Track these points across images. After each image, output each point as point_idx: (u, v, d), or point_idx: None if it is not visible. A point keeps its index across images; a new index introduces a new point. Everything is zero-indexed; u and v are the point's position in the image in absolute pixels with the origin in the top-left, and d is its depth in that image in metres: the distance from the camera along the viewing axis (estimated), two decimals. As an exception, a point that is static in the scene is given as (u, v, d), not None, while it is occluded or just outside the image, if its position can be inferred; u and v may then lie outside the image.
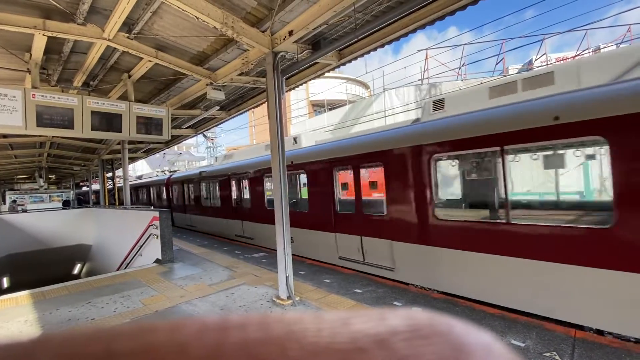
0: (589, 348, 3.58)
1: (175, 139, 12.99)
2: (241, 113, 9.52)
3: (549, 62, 14.76)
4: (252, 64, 5.83)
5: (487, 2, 4.39)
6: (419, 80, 16.50)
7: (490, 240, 4.66)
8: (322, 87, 28.11)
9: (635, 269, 3.48)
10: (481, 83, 6.70)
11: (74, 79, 7.05)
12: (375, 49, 5.74)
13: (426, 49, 15.42)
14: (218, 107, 8.58)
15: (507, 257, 4.52)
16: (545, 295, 4.24)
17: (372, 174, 8.20)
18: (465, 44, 14.34)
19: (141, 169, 30.14)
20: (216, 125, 11.38)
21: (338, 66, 6.57)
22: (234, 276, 6.87)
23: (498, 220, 4.72)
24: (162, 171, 19.01)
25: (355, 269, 6.85)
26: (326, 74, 6.80)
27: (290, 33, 4.85)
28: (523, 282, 4.43)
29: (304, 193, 9.20)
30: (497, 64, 15.55)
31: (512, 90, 5.04)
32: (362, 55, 6.03)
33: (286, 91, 7.43)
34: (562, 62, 15.29)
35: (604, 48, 14.88)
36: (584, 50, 14.35)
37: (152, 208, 9.37)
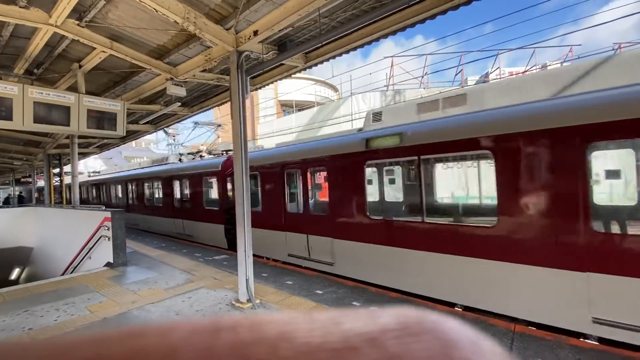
0: (526, 341, 3.90)
1: (131, 135, 12.29)
2: (204, 110, 9.23)
3: (502, 76, 15.88)
4: (215, 61, 5.68)
5: (451, 15, 4.64)
6: (385, 86, 17.00)
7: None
8: (292, 88, 28.03)
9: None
10: (440, 92, 7.07)
11: (14, 66, 6.43)
12: (341, 54, 5.84)
13: (391, 56, 15.94)
14: (179, 103, 8.24)
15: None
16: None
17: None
18: (428, 54, 15.01)
19: (93, 165, 28.11)
20: (178, 122, 10.93)
21: (304, 69, 6.59)
22: (192, 280, 6.63)
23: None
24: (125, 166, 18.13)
25: (302, 265, 7.36)
26: (296, 75, 6.82)
27: (256, 33, 4.80)
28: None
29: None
30: (456, 74, 16.44)
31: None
32: (328, 60, 6.11)
33: (251, 91, 7.33)
34: (481, 83, 16.53)
35: (550, 65, 16.31)
36: (532, 67, 15.61)
37: (104, 208, 8.78)
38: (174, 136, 19.40)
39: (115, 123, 6.71)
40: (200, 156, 12.82)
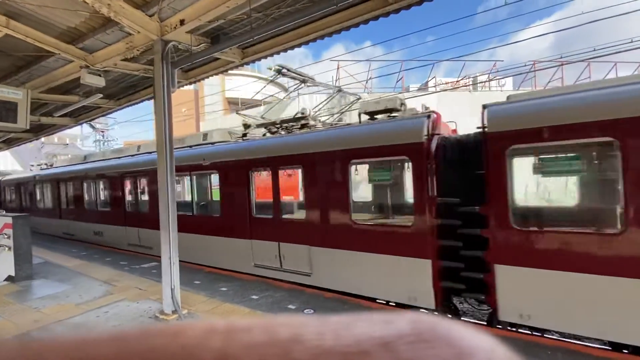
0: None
1: (47, 129, 10.81)
2: (134, 103, 8.42)
3: (437, 85, 17.06)
4: (138, 50, 5.16)
5: (396, 21, 4.74)
6: (331, 88, 17.21)
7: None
8: (240, 86, 27.12)
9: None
10: (380, 97, 7.31)
11: None
12: (279, 52, 5.70)
13: (336, 59, 16.20)
14: (101, 95, 7.39)
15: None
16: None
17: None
18: (372, 60, 15.52)
19: (4, 163, 24.27)
20: (103, 115, 9.85)
21: (242, 65, 6.32)
22: (112, 291, 5.96)
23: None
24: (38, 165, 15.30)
25: (273, 277, 6.46)
26: (244, 72, 6.57)
27: (182, 22, 4.44)
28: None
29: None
30: (397, 81, 17.26)
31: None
32: (266, 57, 5.92)
33: (183, 85, 6.85)
34: (422, 90, 17.82)
35: (479, 75, 17.94)
36: (463, 77, 17.01)
37: (4, 212, 7.54)
38: (102, 132, 17.50)
39: (15, 114, 5.77)
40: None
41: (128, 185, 9.82)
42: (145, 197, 9.33)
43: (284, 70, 7.71)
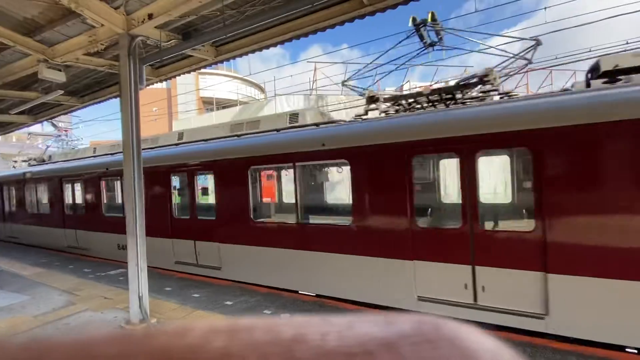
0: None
1: (1, 127, 10.03)
2: (100, 101, 7.97)
3: (412, 88, 17.45)
4: (102, 44, 4.87)
5: (373, 24, 4.75)
6: (309, 90, 17.19)
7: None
8: (216, 85, 26.49)
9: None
10: (358, 100, 7.34)
11: None
12: (254, 51, 5.58)
13: (313, 60, 16.21)
14: (62, 91, 6.93)
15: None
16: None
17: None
18: (348, 62, 15.63)
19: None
20: (65, 113, 9.26)
21: (215, 62, 6.14)
22: (74, 301, 5.58)
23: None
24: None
25: (191, 272, 7.03)
26: (219, 71, 6.36)
27: (150, 16, 4.23)
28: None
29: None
30: (373, 84, 17.46)
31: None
32: (240, 55, 5.79)
33: (153, 82, 6.57)
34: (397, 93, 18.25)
35: (450, 80, 18.52)
36: (436, 82, 17.50)
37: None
38: (65, 130, 16.48)
39: (-38, 110, 5.27)
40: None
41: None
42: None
43: (430, 23, 6.29)
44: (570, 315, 3.71)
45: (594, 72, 4.42)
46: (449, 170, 6.61)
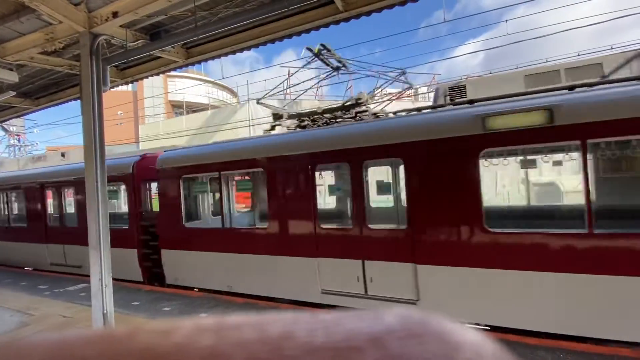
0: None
1: (-59, 131, 9.07)
2: (58, 104, 7.43)
3: (383, 95, 17.84)
4: (61, 43, 4.54)
5: (347, 30, 4.78)
6: (282, 93, 17.09)
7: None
8: (185, 88, 25.64)
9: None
10: (331, 105, 7.39)
11: None
12: (227, 54, 5.44)
13: (287, 65, 16.16)
14: (14, 93, 6.39)
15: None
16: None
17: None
18: (322, 68, 15.71)
19: None
20: (18, 117, 8.54)
21: (186, 65, 5.93)
22: (28, 322, 5.09)
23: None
24: None
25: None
26: (189, 75, 6.13)
27: (115, 15, 3.99)
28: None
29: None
30: (346, 89, 17.69)
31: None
32: (213, 58, 5.62)
33: (119, 84, 6.23)
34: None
35: (419, 87, 19.17)
36: (406, 88, 18.00)
37: None
38: (18, 135, 15.20)
39: None
40: None
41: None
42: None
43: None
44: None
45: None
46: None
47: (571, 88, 4.19)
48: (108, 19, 4.05)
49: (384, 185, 6.58)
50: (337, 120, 6.39)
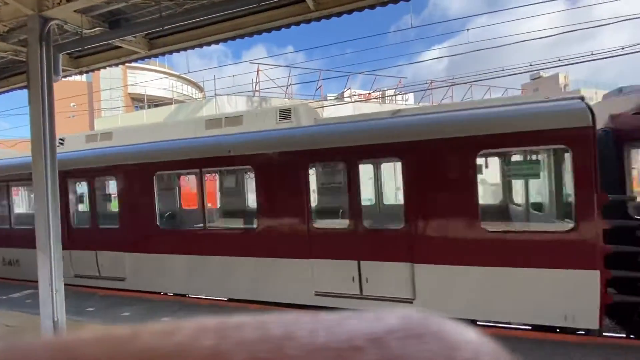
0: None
1: None
2: (1, 93, 6.75)
3: (352, 96, 18.16)
4: (6, 26, 4.14)
5: (318, 29, 4.76)
6: (251, 91, 16.80)
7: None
8: (147, 81, 24.29)
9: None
10: (302, 103, 7.39)
11: None
12: (193, 47, 5.25)
13: (256, 62, 15.91)
14: (-54, 79, 5.71)
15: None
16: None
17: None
18: (292, 66, 15.66)
19: None
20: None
21: (148, 57, 5.64)
22: (-38, 333, 4.58)
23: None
24: None
25: (92, 286, 6.50)
26: (152, 67, 5.78)
27: (69, -2, 3.70)
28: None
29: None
30: (316, 89, 17.78)
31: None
32: (178, 51, 5.40)
33: (72, 74, 5.79)
34: (339, 99, 19.11)
35: (387, 90, 19.71)
36: (374, 90, 18.47)
37: None
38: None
39: None
40: None
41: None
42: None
43: None
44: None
45: None
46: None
47: None
48: (61, 3, 3.74)
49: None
50: None
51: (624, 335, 4.34)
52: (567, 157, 4.11)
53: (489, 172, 6.07)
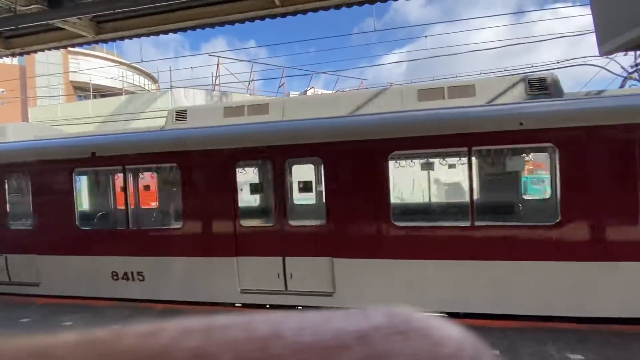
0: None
1: None
2: None
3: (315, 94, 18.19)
4: None
5: (284, 25, 4.66)
6: (211, 85, 16.15)
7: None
8: (93, 69, 22.19)
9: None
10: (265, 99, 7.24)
11: None
12: (147, 35, 4.92)
13: (217, 55, 15.33)
14: None
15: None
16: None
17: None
18: (254, 61, 15.32)
19: None
20: None
21: (95, 42, 5.22)
22: None
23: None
24: None
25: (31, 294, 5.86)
26: (99, 54, 5.28)
27: (0, -31, 3.26)
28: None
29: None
30: (279, 87, 17.57)
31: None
32: (130, 37, 5.04)
33: (5, 55, 5.16)
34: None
35: (349, 91, 20.03)
36: (337, 90, 18.69)
37: None
38: None
39: None
40: None
41: None
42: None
43: None
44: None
45: None
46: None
47: None
48: (-11, -27, 3.29)
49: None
50: None
51: None
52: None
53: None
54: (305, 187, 6.12)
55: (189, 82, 16.77)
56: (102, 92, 20.11)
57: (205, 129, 5.35)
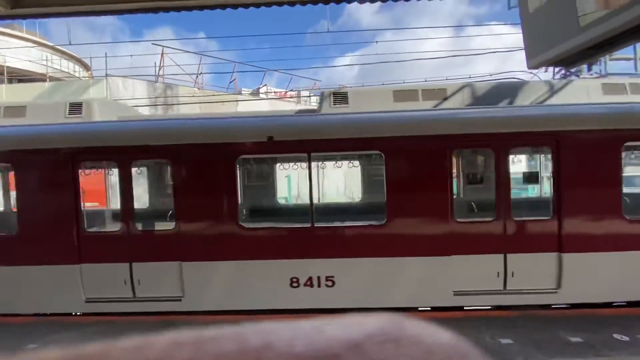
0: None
1: None
2: None
3: (268, 92, 17.91)
4: None
5: (236, 18, 4.41)
6: (154, 76, 14.99)
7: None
8: (9, 49, 19.19)
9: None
10: (213, 95, 6.86)
11: None
12: (76, 14, 4.37)
13: (160, 43, 14.30)
14: None
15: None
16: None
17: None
18: (204, 53, 14.57)
19: None
20: None
21: (11, 17, 4.48)
22: None
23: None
24: None
25: None
26: (17, 33, 4.55)
27: None
28: None
29: None
30: (230, 82, 16.91)
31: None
32: (54, 16, 4.42)
33: None
34: (255, 95, 19.03)
35: (302, 90, 20.04)
36: (290, 90, 18.58)
37: None
38: None
39: None
40: None
41: None
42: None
43: None
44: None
45: None
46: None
47: None
48: None
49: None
50: None
51: None
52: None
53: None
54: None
55: (127, 72, 15.38)
56: (19, 76, 17.54)
57: (415, 113, 4.89)
